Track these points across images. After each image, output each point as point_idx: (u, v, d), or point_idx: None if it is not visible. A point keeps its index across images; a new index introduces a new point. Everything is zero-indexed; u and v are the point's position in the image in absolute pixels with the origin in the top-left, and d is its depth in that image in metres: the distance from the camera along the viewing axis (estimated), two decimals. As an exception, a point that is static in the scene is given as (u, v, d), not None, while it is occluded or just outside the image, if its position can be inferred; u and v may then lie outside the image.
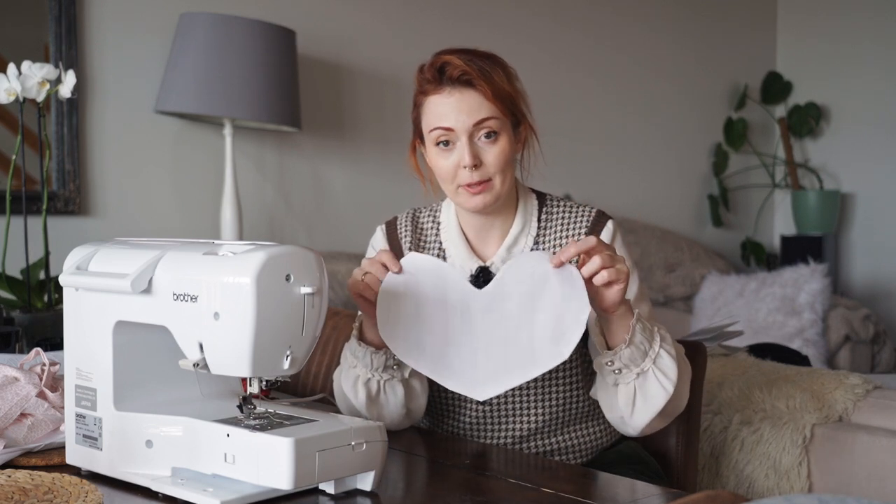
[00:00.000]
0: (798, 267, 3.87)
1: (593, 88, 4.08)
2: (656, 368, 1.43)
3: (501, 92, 1.50)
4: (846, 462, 1.91)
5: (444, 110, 1.50)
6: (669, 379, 1.43)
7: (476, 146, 1.50)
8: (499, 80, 1.50)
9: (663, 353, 1.43)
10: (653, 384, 1.43)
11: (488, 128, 1.50)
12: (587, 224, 1.58)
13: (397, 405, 1.53)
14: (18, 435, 1.34)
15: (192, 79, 2.64)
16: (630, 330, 1.40)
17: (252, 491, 1.14)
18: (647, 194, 4.34)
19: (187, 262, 1.17)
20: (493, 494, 1.22)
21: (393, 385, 1.51)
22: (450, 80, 1.49)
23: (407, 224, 1.67)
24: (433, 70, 1.51)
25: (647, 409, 1.45)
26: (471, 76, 1.48)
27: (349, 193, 3.29)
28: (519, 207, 1.60)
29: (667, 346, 1.44)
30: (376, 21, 3.36)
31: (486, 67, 1.50)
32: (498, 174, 1.51)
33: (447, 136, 1.51)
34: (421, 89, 1.55)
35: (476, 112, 1.49)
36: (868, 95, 4.66)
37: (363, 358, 1.48)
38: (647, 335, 1.42)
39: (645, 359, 1.42)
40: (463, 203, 1.54)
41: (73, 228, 2.65)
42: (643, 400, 1.45)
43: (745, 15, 4.81)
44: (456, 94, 1.49)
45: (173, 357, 1.19)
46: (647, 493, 1.25)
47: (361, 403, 1.51)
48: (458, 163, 1.50)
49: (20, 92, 1.83)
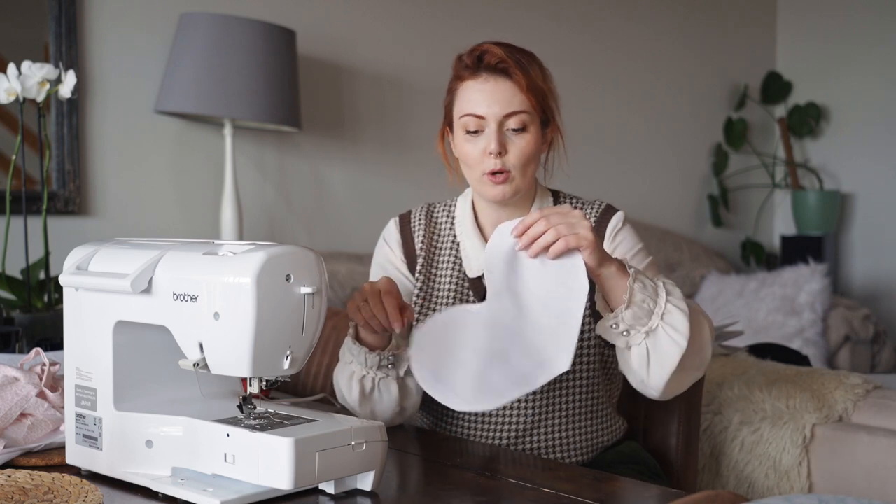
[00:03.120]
0: (798, 267, 3.87)
1: (593, 88, 4.08)
2: (665, 324, 1.37)
3: (536, 86, 1.53)
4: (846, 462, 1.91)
5: (478, 97, 1.52)
6: (681, 333, 1.37)
7: (504, 135, 1.52)
8: (535, 75, 1.53)
9: (671, 308, 1.37)
10: (664, 341, 1.38)
11: (518, 120, 1.52)
12: (596, 215, 1.60)
13: (391, 403, 1.54)
14: (18, 435, 1.34)
15: (192, 79, 2.64)
16: (628, 289, 1.35)
17: (252, 491, 1.14)
18: (647, 194, 4.34)
19: (187, 262, 1.17)
20: (493, 494, 1.22)
21: (388, 383, 1.52)
22: (487, 67, 1.52)
23: (421, 218, 1.69)
24: (472, 56, 1.54)
25: (662, 368, 1.40)
26: (508, 66, 1.51)
27: (349, 193, 3.29)
28: (535, 202, 1.63)
29: (674, 299, 1.38)
30: (376, 21, 3.36)
31: (524, 60, 1.53)
32: (519, 167, 1.53)
33: (477, 123, 1.53)
34: (457, 75, 1.57)
35: (508, 103, 1.51)
36: (868, 95, 4.66)
37: (358, 356, 1.50)
38: (650, 293, 1.37)
39: (651, 316, 1.37)
40: (485, 192, 1.56)
41: (73, 228, 2.65)
42: (657, 358, 1.40)
43: (745, 15, 4.81)
44: (491, 82, 1.52)
45: (173, 357, 1.19)
46: (647, 493, 1.25)
47: (355, 399, 1.53)
48: (484, 149, 1.53)
49: (20, 92, 1.83)
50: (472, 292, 1.61)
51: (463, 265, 1.63)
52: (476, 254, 1.62)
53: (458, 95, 1.56)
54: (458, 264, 1.63)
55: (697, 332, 1.41)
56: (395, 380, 1.52)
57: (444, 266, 1.64)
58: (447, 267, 1.64)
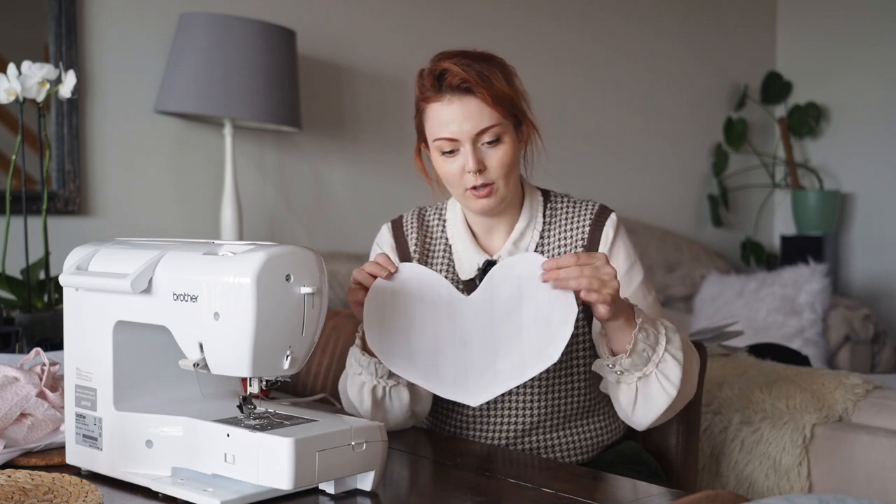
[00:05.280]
0: (798, 267, 3.87)
1: (593, 88, 4.08)
2: (659, 373, 1.43)
3: (501, 96, 1.51)
4: (846, 462, 1.91)
5: (447, 119, 1.50)
6: (672, 383, 1.43)
7: (480, 151, 1.52)
8: (498, 84, 1.50)
9: (668, 358, 1.42)
10: (655, 387, 1.43)
11: (492, 133, 1.51)
12: (591, 217, 1.60)
13: (402, 409, 1.53)
14: (18, 435, 1.34)
15: (192, 79, 2.64)
16: (632, 340, 1.40)
17: (252, 491, 1.14)
18: (647, 194, 4.34)
19: (187, 262, 1.17)
20: (493, 494, 1.22)
21: (398, 390, 1.51)
22: (449, 87, 1.49)
23: (413, 222, 1.68)
24: (432, 77, 1.51)
25: (648, 411, 1.46)
26: (470, 84, 1.48)
27: (349, 193, 3.29)
28: (525, 203, 1.62)
29: (673, 349, 1.43)
30: (376, 21, 3.36)
31: (485, 72, 1.50)
32: (502, 178, 1.53)
33: (451, 144, 1.52)
34: (422, 95, 1.55)
35: (478, 120, 1.49)
36: (868, 95, 4.66)
37: (367, 367, 1.49)
38: (651, 341, 1.41)
39: (648, 363, 1.42)
40: (470, 206, 1.56)
41: (73, 228, 2.65)
42: (644, 401, 1.45)
43: (745, 15, 4.81)
44: (456, 102, 1.50)
45: (173, 357, 1.19)
46: (647, 493, 1.25)
47: (367, 409, 1.51)
48: (462, 167, 1.52)
49: (20, 92, 1.83)
50: (465, 294, 1.61)
51: (455, 268, 1.63)
52: (468, 256, 1.62)
53: (428, 117, 1.54)
54: (450, 267, 1.63)
55: (688, 379, 1.46)
56: (405, 386, 1.51)
57: (437, 269, 1.64)
58: (440, 269, 1.64)
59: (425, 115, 1.55)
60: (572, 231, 1.59)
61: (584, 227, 1.59)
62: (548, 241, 1.61)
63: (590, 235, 1.58)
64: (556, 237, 1.60)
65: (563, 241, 1.60)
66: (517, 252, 1.58)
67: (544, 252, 1.60)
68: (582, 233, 1.59)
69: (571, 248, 1.59)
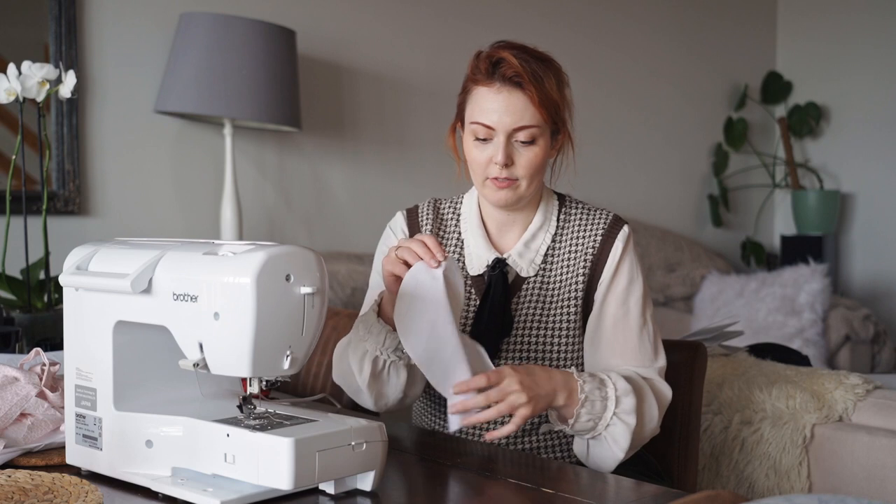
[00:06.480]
0: (798, 267, 3.87)
1: (593, 89, 4.08)
2: (608, 435, 1.47)
3: (548, 100, 1.52)
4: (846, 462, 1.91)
5: (490, 106, 1.51)
6: (620, 447, 1.47)
7: (511, 146, 1.52)
8: (549, 87, 1.52)
9: (616, 422, 1.46)
10: (604, 447, 1.49)
11: (528, 134, 1.52)
12: (604, 226, 1.61)
13: (398, 387, 1.53)
14: (18, 435, 1.34)
15: (192, 79, 2.64)
16: (574, 416, 1.44)
17: (252, 491, 1.14)
18: (647, 194, 4.34)
19: (187, 262, 1.17)
20: (493, 494, 1.22)
21: (398, 367, 1.51)
22: (502, 77, 1.50)
23: (428, 212, 1.69)
24: (488, 62, 1.52)
25: (599, 467, 1.51)
26: (522, 79, 1.49)
27: (349, 193, 3.29)
28: (541, 205, 1.63)
29: (623, 412, 1.46)
30: (376, 21, 3.36)
31: (539, 72, 1.51)
32: (526, 177, 1.54)
33: (486, 132, 1.52)
34: (473, 76, 1.55)
35: (519, 117, 1.50)
36: (868, 95, 4.66)
37: (378, 335, 1.48)
38: (597, 411, 1.45)
39: (595, 429, 1.47)
40: (488, 195, 1.57)
41: (73, 228, 2.65)
42: (595, 458, 1.51)
43: (745, 15, 4.81)
44: (504, 93, 1.50)
45: (173, 357, 1.19)
46: (647, 493, 1.25)
47: (365, 378, 1.51)
48: (491, 157, 1.52)
49: (20, 92, 1.83)
50: (473, 290, 1.61)
51: (465, 263, 1.63)
52: (479, 252, 1.62)
53: (471, 99, 1.55)
54: (461, 261, 1.64)
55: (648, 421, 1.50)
56: (404, 366, 1.51)
57: None
58: None
59: (470, 96, 1.55)
60: (584, 238, 1.60)
61: (595, 237, 1.60)
62: (559, 245, 1.61)
63: (601, 246, 1.59)
64: (568, 242, 1.61)
65: (574, 247, 1.60)
66: (527, 253, 1.59)
67: (555, 255, 1.61)
68: (593, 241, 1.59)
69: (581, 254, 1.59)
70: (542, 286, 1.59)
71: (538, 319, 1.57)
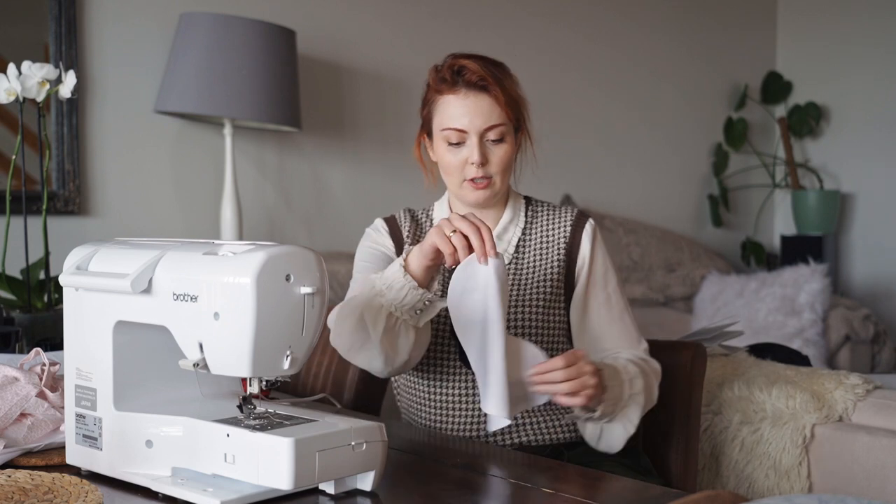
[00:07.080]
0: (798, 267, 3.87)
1: (593, 88, 4.08)
2: (623, 416, 1.56)
3: (512, 99, 1.62)
4: (846, 462, 1.91)
5: (459, 112, 1.59)
6: (633, 423, 1.56)
7: (484, 146, 1.61)
8: (510, 88, 1.62)
9: (630, 403, 1.55)
10: (617, 426, 1.57)
11: (498, 132, 1.60)
12: (571, 220, 1.70)
13: (407, 346, 1.52)
14: (18, 435, 1.34)
15: (192, 79, 2.64)
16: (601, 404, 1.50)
17: (252, 491, 1.14)
18: (647, 194, 4.34)
19: (187, 262, 1.17)
20: (492, 494, 1.22)
21: (407, 328, 1.50)
22: (466, 83, 1.59)
23: (406, 219, 1.75)
24: (450, 71, 1.60)
25: (610, 447, 1.60)
26: (487, 82, 1.58)
27: (349, 193, 3.29)
28: (509, 203, 1.72)
29: (635, 393, 1.55)
30: (376, 21, 3.36)
31: (499, 74, 1.61)
32: (500, 174, 1.63)
33: (459, 136, 1.60)
34: (436, 88, 1.63)
35: (488, 117, 1.59)
36: (868, 95, 4.66)
37: (400, 290, 1.45)
38: (616, 395, 1.52)
39: (614, 412, 1.54)
40: (466, 196, 1.65)
41: (73, 228, 2.65)
42: (607, 439, 1.59)
43: (745, 15, 4.81)
44: (471, 97, 1.59)
45: (173, 357, 1.19)
46: (647, 493, 1.25)
47: (379, 332, 1.48)
48: (466, 159, 1.61)
49: (20, 92, 1.83)
50: None
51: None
52: None
53: (438, 109, 1.63)
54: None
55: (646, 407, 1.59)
56: (413, 328, 1.50)
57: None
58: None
59: (436, 106, 1.63)
60: (554, 231, 1.70)
61: (565, 227, 1.69)
62: (530, 237, 1.70)
63: (571, 235, 1.69)
64: (539, 234, 1.70)
65: (546, 237, 1.69)
66: (500, 244, 1.67)
67: (527, 246, 1.69)
68: (564, 231, 1.69)
69: (554, 243, 1.68)
70: (516, 272, 1.67)
71: (512, 302, 1.63)
